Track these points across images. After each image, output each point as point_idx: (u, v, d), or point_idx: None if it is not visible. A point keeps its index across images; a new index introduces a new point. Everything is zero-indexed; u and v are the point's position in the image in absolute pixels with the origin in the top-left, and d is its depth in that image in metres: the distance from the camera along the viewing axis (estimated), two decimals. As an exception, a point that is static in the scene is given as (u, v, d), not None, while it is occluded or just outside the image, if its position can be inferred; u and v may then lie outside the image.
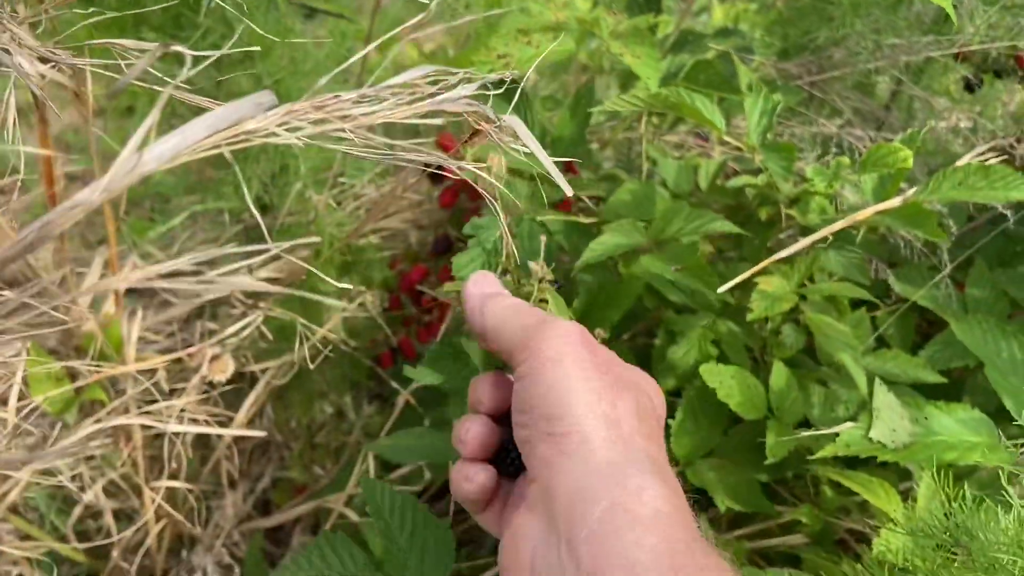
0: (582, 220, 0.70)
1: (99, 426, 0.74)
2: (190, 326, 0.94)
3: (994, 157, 0.69)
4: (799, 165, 0.74)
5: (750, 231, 0.72)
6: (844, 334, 0.67)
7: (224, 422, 0.85)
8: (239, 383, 0.86)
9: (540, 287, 0.52)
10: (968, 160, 0.67)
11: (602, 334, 0.51)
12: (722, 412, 0.69)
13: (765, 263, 0.65)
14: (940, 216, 0.75)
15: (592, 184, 0.79)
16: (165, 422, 0.76)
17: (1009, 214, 0.75)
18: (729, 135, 0.68)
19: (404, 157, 0.46)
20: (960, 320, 0.69)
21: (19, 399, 0.68)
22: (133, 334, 0.78)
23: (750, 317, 0.67)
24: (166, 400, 0.78)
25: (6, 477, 0.73)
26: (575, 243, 0.69)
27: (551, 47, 0.70)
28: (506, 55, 0.71)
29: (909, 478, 0.68)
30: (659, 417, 0.43)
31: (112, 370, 0.75)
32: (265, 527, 0.95)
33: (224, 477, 0.93)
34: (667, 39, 0.82)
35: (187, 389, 0.81)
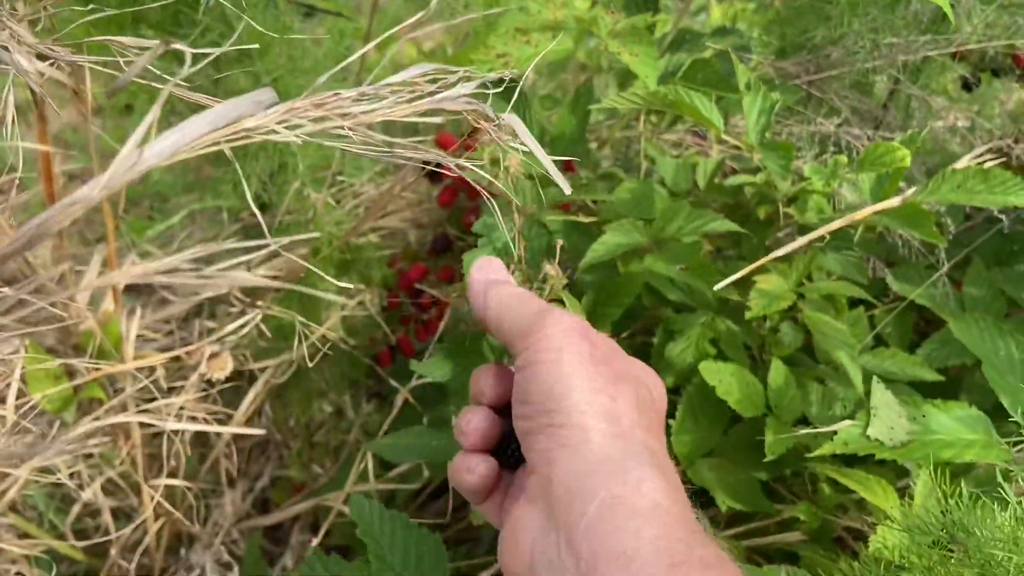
0: (582, 219, 0.70)
1: (97, 424, 0.74)
2: (189, 324, 0.94)
3: (992, 158, 0.69)
4: (797, 164, 0.74)
5: (748, 229, 0.72)
6: (842, 332, 0.68)
7: (223, 420, 0.85)
8: (238, 381, 0.86)
9: (553, 289, 0.52)
10: (966, 161, 0.67)
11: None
12: (721, 411, 0.70)
13: (763, 261, 0.65)
14: (938, 215, 0.75)
15: (592, 185, 0.79)
16: (164, 420, 0.76)
17: (1004, 219, 0.76)
18: (727, 134, 0.68)
19: (403, 155, 0.46)
20: (957, 318, 0.69)
21: (17, 397, 0.68)
22: (132, 332, 0.78)
23: (748, 315, 0.68)
24: (165, 398, 0.78)
25: (5, 475, 0.73)
26: (575, 242, 0.69)
27: (550, 46, 0.70)
28: (505, 54, 0.71)
29: (906, 476, 0.68)
30: (659, 410, 0.43)
31: (111, 368, 0.75)
32: (264, 525, 0.95)
33: (223, 475, 0.93)
34: (665, 38, 0.82)
35: (186, 387, 0.81)
